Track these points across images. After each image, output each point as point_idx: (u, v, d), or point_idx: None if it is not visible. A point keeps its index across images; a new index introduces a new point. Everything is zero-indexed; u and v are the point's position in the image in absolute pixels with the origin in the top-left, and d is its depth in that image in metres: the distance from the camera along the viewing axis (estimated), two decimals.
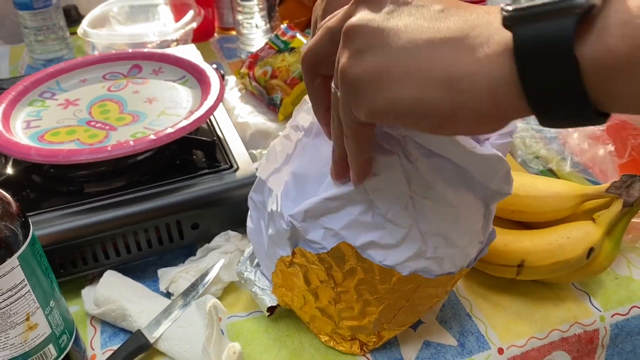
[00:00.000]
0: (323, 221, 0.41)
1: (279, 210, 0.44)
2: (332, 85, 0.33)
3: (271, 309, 0.51)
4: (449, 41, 0.27)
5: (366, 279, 0.43)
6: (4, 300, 0.39)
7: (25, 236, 0.41)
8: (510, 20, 0.26)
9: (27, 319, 0.41)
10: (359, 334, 0.48)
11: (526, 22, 0.25)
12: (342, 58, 0.31)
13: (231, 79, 0.85)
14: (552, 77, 0.25)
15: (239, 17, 0.95)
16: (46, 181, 0.59)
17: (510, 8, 0.26)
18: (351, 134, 0.34)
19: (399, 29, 0.29)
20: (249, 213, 0.51)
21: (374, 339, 0.48)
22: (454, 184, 0.39)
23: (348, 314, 0.46)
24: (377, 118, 0.30)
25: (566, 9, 0.24)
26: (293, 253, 0.44)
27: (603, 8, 0.24)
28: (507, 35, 0.26)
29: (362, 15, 0.30)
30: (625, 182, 0.49)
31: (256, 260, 0.53)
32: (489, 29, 0.27)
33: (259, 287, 0.52)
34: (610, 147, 0.62)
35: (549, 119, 0.27)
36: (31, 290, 0.41)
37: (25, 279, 0.40)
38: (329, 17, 0.34)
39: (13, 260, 0.39)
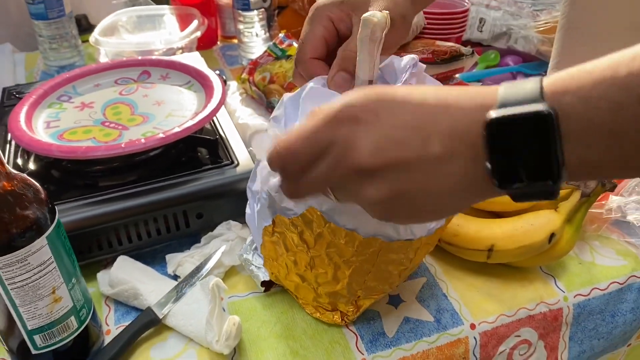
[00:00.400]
0: None
1: (260, 186, 0.49)
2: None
3: (265, 284, 0.57)
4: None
5: (333, 242, 0.47)
6: (34, 274, 0.45)
7: (52, 220, 0.46)
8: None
9: (53, 292, 0.47)
10: (338, 303, 0.53)
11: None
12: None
13: (233, 84, 0.91)
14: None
15: (240, 26, 1.01)
16: (64, 175, 0.64)
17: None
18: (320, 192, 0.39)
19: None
20: (248, 202, 0.57)
21: (352, 309, 0.54)
22: None
23: (323, 279, 0.51)
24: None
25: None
26: (273, 222, 0.49)
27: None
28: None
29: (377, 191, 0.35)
30: None
31: (255, 245, 0.59)
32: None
33: (255, 266, 0.58)
34: None
35: (518, 196, 0.32)
36: (57, 267, 0.47)
37: (52, 257, 0.46)
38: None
39: (42, 240, 0.45)
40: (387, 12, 0.44)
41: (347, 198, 0.38)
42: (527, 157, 0.30)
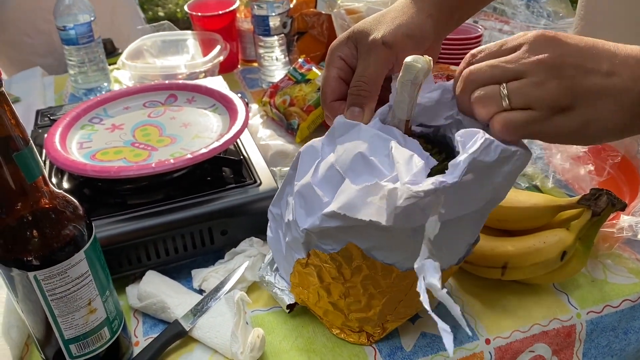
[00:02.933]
0: (333, 231, 0.48)
1: (294, 219, 0.51)
2: None
3: (290, 306, 0.60)
4: None
5: (370, 275, 0.50)
6: (73, 286, 0.48)
7: (90, 235, 0.49)
8: None
9: (89, 304, 0.50)
10: (365, 326, 0.56)
11: None
12: None
13: (254, 107, 0.94)
14: None
15: (261, 50, 1.05)
16: (96, 194, 0.68)
17: None
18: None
19: None
20: (269, 224, 0.59)
21: (379, 330, 0.56)
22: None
23: (356, 306, 0.54)
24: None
25: None
26: (308, 255, 0.52)
27: None
28: None
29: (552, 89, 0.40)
30: (594, 195, 0.57)
31: (275, 265, 0.61)
32: None
33: (279, 289, 0.60)
34: (590, 167, 0.70)
35: None
36: (92, 280, 0.50)
37: (89, 270, 0.49)
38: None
39: (80, 254, 0.48)
40: (430, 58, 0.45)
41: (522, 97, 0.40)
42: None
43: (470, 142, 0.41)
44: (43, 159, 0.73)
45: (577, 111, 0.39)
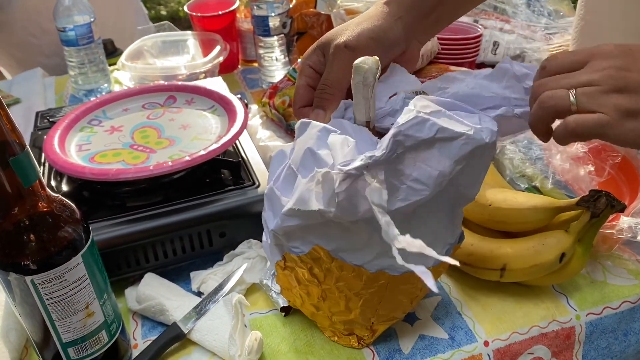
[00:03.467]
0: (297, 234, 0.49)
1: (266, 222, 0.52)
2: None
3: (285, 309, 0.60)
4: None
5: (342, 277, 0.49)
6: (70, 290, 0.48)
7: (87, 239, 0.50)
8: None
9: (87, 307, 0.50)
10: (355, 329, 0.55)
11: None
12: None
13: (253, 107, 0.94)
14: None
15: (261, 51, 1.04)
16: (94, 196, 0.68)
17: None
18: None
19: None
20: (265, 230, 0.59)
21: (368, 333, 0.56)
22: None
23: (336, 309, 0.53)
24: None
25: None
26: (284, 257, 0.52)
27: None
28: None
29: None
30: (593, 196, 0.56)
31: (273, 270, 0.61)
32: None
33: (275, 292, 0.61)
34: (590, 167, 0.69)
35: None
36: (90, 284, 0.50)
37: (86, 274, 0.49)
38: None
39: (78, 258, 0.48)
40: (377, 57, 0.46)
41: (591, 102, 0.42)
42: None
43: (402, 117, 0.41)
44: (42, 161, 0.73)
45: None
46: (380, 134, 0.49)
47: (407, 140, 0.41)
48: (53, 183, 0.69)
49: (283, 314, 0.60)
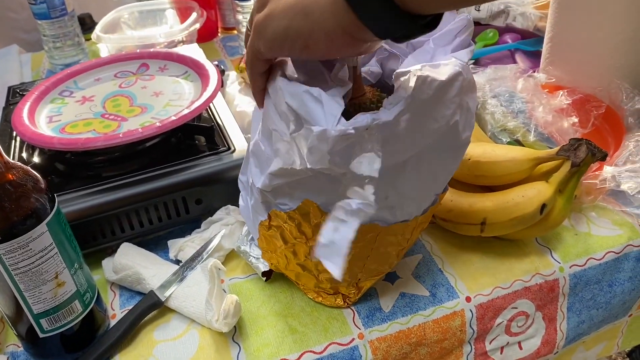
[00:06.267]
0: (284, 191, 0.47)
1: (252, 180, 0.50)
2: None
3: (266, 274, 0.59)
4: None
5: None
6: (36, 260, 0.47)
7: (52, 207, 0.48)
8: None
9: (56, 277, 0.49)
10: (340, 287, 0.55)
11: None
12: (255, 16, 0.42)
13: (232, 74, 0.92)
14: None
15: (239, 17, 1.02)
16: (68, 167, 0.66)
17: None
18: (250, 64, 0.44)
19: None
20: (240, 193, 0.58)
21: (354, 291, 0.55)
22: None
23: (323, 266, 0.52)
24: (270, 47, 0.40)
25: None
26: (269, 216, 0.50)
27: None
28: None
29: None
30: (573, 145, 0.55)
31: (251, 235, 0.60)
32: None
33: (254, 257, 0.59)
34: (574, 119, 0.68)
35: (377, 28, 0.35)
36: (58, 253, 0.48)
37: (53, 243, 0.48)
38: None
39: (42, 227, 0.47)
40: None
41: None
42: None
43: (405, 80, 0.40)
44: (14, 135, 0.72)
45: None
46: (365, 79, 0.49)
47: (414, 104, 0.40)
48: (25, 156, 0.68)
49: (264, 279, 0.59)
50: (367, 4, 0.35)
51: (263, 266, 0.58)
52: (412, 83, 0.39)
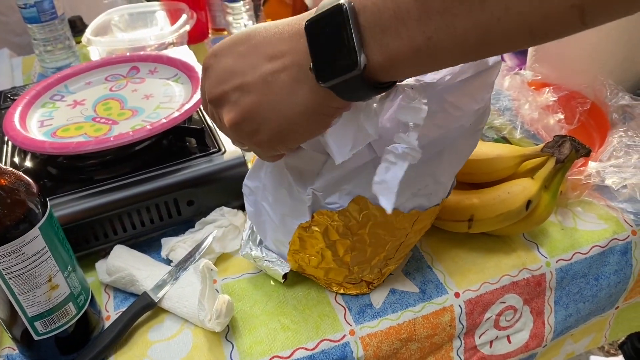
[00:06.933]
0: (336, 187, 0.49)
1: (294, 187, 0.51)
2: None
3: (284, 276, 0.58)
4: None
5: (377, 223, 0.50)
6: (30, 263, 0.47)
7: (44, 212, 0.49)
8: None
9: (50, 280, 0.50)
10: (366, 275, 0.56)
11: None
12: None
13: None
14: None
15: (229, 18, 1.03)
16: (60, 171, 0.67)
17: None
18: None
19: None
20: (245, 199, 0.58)
21: (378, 276, 0.56)
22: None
23: (361, 258, 0.53)
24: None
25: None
26: (312, 217, 0.51)
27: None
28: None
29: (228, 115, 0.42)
30: (557, 141, 0.56)
31: (258, 239, 0.60)
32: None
33: (269, 261, 0.58)
34: (560, 116, 0.69)
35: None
36: (51, 256, 0.49)
37: (46, 246, 0.48)
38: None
39: (35, 231, 0.47)
40: None
41: (221, 128, 0.46)
42: (334, 47, 0.35)
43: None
44: (6, 140, 0.72)
45: None
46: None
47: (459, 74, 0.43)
48: (17, 160, 0.68)
49: (283, 280, 0.58)
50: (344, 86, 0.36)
51: (281, 269, 0.57)
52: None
